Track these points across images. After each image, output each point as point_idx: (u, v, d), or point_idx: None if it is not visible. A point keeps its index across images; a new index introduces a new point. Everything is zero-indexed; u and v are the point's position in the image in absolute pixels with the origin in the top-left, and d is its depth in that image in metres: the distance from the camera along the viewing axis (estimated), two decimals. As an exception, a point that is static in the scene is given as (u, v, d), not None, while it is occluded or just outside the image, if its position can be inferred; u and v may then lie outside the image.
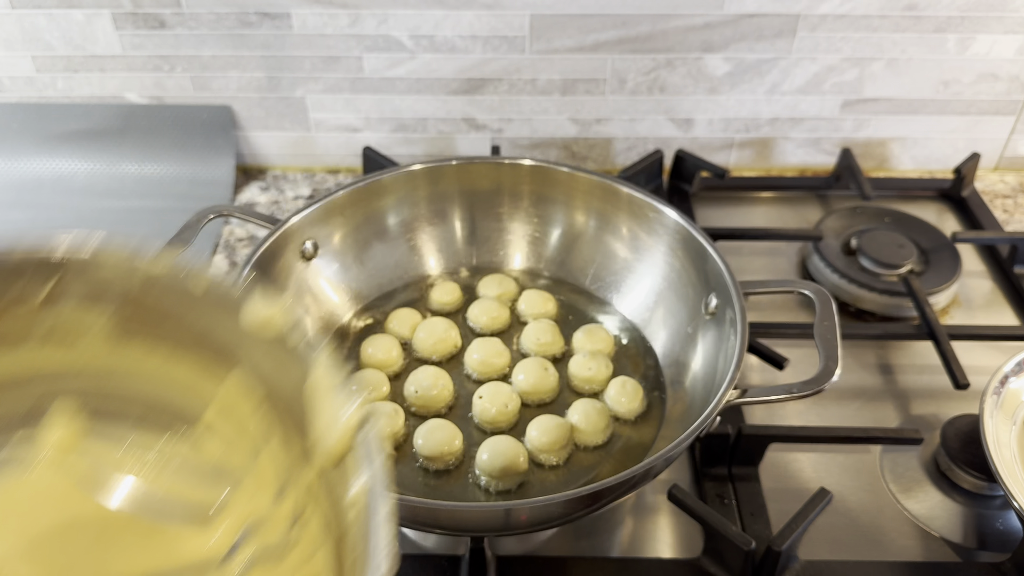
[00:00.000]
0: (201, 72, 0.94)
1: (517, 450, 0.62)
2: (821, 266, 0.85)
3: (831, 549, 0.62)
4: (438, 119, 0.98)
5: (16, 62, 0.93)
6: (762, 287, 0.65)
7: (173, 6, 0.88)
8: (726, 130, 0.99)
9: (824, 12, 0.89)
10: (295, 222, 0.70)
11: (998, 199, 0.99)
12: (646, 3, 0.88)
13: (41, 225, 0.93)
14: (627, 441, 0.66)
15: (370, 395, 0.67)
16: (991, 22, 0.90)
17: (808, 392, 0.56)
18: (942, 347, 0.74)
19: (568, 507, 0.52)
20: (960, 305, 0.84)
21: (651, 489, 0.66)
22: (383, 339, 0.71)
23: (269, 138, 1.00)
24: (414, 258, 0.79)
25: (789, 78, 0.94)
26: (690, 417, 0.63)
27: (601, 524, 0.64)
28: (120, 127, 0.97)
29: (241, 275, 0.64)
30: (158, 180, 0.97)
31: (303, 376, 0.36)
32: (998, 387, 0.64)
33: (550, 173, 0.76)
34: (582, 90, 0.95)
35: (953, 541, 0.63)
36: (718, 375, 0.62)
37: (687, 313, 0.70)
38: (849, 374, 0.76)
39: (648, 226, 0.73)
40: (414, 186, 0.76)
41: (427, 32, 0.90)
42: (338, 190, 0.72)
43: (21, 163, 0.97)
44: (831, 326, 0.60)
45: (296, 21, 0.90)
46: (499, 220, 0.80)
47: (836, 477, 0.68)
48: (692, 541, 0.63)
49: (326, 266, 0.74)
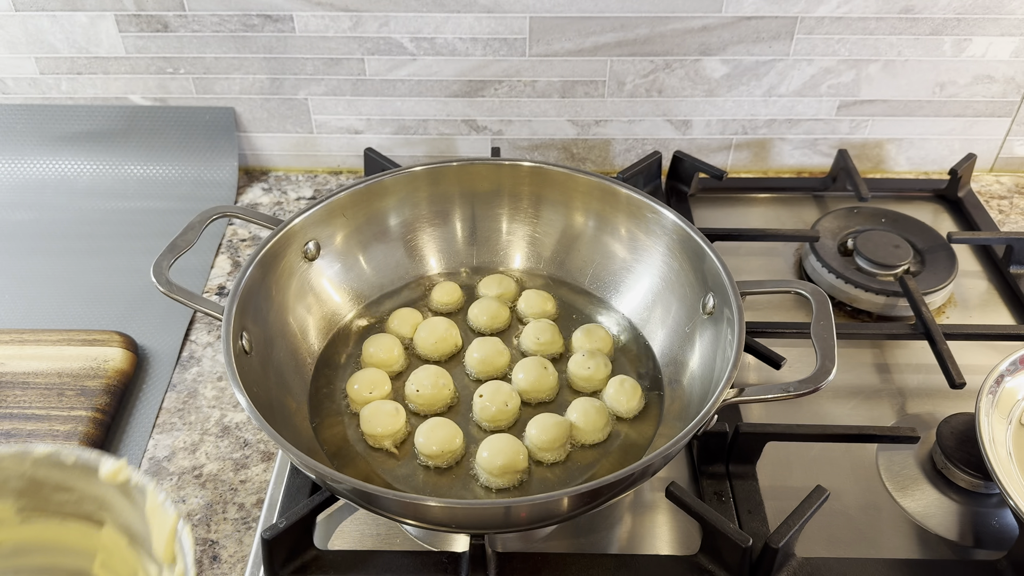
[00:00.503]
0: (204, 74, 0.95)
1: (517, 448, 0.63)
2: (818, 266, 0.85)
3: (828, 547, 0.63)
4: (439, 121, 0.98)
5: (20, 64, 0.94)
6: (759, 287, 0.66)
7: (176, 8, 0.89)
8: (724, 132, 1.00)
9: (821, 14, 0.90)
10: (298, 223, 0.70)
11: (994, 200, 0.99)
12: (644, 6, 0.89)
13: (45, 226, 0.93)
14: (625, 439, 0.66)
15: (371, 394, 0.68)
16: (987, 24, 0.91)
17: (805, 391, 0.57)
18: (938, 346, 0.74)
19: (567, 504, 0.53)
20: (956, 305, 0.85)
21: (649, 487, 0.67)
22: (384, 338, 0.72)
23: (271, 140, 1.01)
24: (415, 258, 0.80)
25: (786, 80, 0.95)
26: (688, 415, 0.64)
27: (600, 521, 0.65)
28: (124, 129, 0.97)
29: (244, 275, 0.65)
30: (161, 181, 0.98)
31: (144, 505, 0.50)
32: (993, 386, 0.65)
33: (549, 174, 0.77)
34: (581, 92, 0.96)
35: (949, 539, 0.64)
36: (716, 374, 0.62)
37: (685, 313, 0.71)
38: (846, 373, 0.77)
39: (646, 227, 0.74)
40: (415, 187, 0.77)
41: (428, 35, 0.91)
42: (340, 191, 0.73)
43: (25, 164, 0.98)
44: (828, 326, 0.61)
45: (298, 23, 0.90)
46: (499, 221, 0.80)
47: (833, 475, 0.68)
48: (690, 538, 0.63)
49: (328, 266, 0.74)
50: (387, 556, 0.60)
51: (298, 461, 0.52)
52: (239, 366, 0.58)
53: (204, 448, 0.71)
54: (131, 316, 0.83)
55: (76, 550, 0.55)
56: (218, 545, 0.64)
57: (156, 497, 0.49)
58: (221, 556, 0.63)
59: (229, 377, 0.56)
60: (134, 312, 0.83)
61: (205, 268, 0.88)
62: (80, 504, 0.53)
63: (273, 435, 0.53)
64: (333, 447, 0.65)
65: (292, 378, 0.68)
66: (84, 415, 0.70)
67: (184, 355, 0.79)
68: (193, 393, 0.76)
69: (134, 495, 0.51)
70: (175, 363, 0.78)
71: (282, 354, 0.68)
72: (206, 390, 0.76)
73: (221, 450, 0.71)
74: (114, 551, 0.54)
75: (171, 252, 0.66)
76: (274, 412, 0.61)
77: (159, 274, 0.64)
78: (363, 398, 0.68)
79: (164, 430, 0.72)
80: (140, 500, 0.50)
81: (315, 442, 0.65)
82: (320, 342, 0.73)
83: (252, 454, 0.70)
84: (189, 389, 0.76)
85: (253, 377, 0.61)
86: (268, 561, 0.58)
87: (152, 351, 0.79)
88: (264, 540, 0.57)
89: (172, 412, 0.74)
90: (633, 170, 0.92)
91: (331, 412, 0.68)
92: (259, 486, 0.68)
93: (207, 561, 0.63)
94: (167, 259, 0.65)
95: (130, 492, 0.51)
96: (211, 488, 0.68)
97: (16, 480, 0.52)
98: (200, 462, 0.70)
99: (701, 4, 0.89)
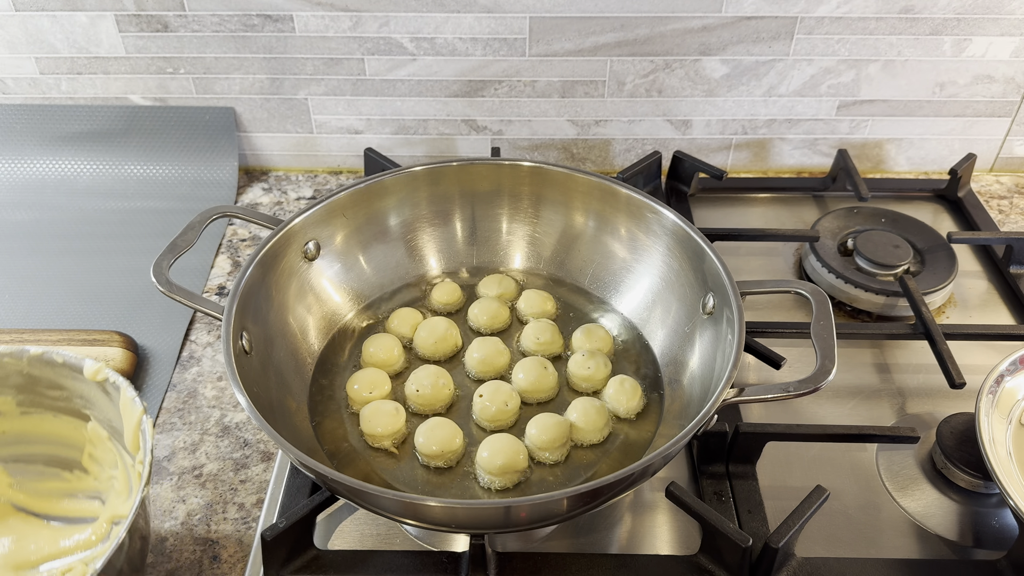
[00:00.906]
0: (204, 74, 0.95)
1: (517, 448, 0.63)
2: (818, 266, 0.85)
3: (828, 546, 0.63)
4: (439, 121, 0.98)
5: (20, 64, 0.94)
6: (759, 287, 0.66)
7: (176, 8, 0.89)
8: (724, 132, 1.00)
9: (821, 14, 0.90)
10: (297, 223, 0.70)
11: (994, 200, 0.99)
12: (644, 6, 0.89)
13: (45, 226, 0.93)
14: (625, 439, 0.66)
15: (371, 394, 0.68)
16: (987, 24, 0.91)
17: (804, 391, 0.57)
18: (938, 346, 0.74)
19: (567, 504, 0.53)
20: (956, 305, 0.85)
21: (649, 487, 0.67)
22: (384, 338, 0.72)
23: (272, 140, 1.01)
24: (415, 258, 0.80)
25: (786, 80, 0.95)
26: (688, 415, 0.64)
27: (600, 521, 0.65)
28: (124, 129, 0.97)
29: (244, 275, 0.65)
30: (161, 181, 0.98)
31: (119, 401, 0.58)
32: (993, 386, 0.65)
33: (549, 174, 0.77)
34: (581, 92, 0.96)
35: (949, 539, 0.64)
36: (715, 374, 0.62)
37: (685, 313, 0.71)
38: (846, 373, 0.77)
39: (646, 227, 0.74)
40: (415, 187, 0.77)
41: (428, 35, 0.91)
42: (340, 191, 0.73)
43: (25, 164, 0.98)
44: (827, 326, 0.61)
45: (298, 23, 0.90)
46: (499, 221, 0.80)
47: (833, 475, 0.68)
48: (690, 538, 0.63)
49: (328, 266, 0.74)
50: (387, 556, 0.60)
51: (297, 461, 0.52)
52: (239, 366, 0.58)
53: (204, 448, 0.71)
54: (131, 316, 0.83)
55: (68, 442, 0.63)
56: (218, 545, 0.63)
57: (127, 393, 0.57)
58: (221, 556, 0.63)
59: (229, 377, 0.56)
60: (134, 312, 0.83)
61: (205, 268, 0.89)
62: (70, 400, 0.62)
63: (273, 435, 0.53)
64: (333, 447, 0.65)
65: (292, 378, 0.68)
66: (84, 415, 0.70)
67: (184, 355, 0.79)
68: (193, 393, 0.76)
69: (111, 392, 0.59)
70: (175, 363, 0.78)
71: (282, 354, 0.68)
72: (206, 390, 0.76)
73: (221, 450, 0.71)
74: (98, 444, 0.62)
75: (171, 252, 0.66)
76: (274, 412, 0.61)
77: (159, 274, 0.64)
78: (363, 398, 0.68)
79: (164, 430, 0.72)
80: (116, 396, 0.58)
81: (315, 442, 0.65)
82: (320, 342, 0.73)
83: (252, 454, 0.70)
84: (189, 389, 0.76)
85: (253, 377, 0.61)
86: (268, 561, 0.58)
87: (152, 351, 0.79)
88: (264, 540, 0.57)
89: (172, 412, 0.74)
90: (633, 170, 0.92)
91: (331, 412, 0.68)
92: (259, 486, 0.68)
93: (207, 561, 0.63)
94: (167, 259, 0.65)
95: (108, 389, 0.59)
96: (211, 488, 0.68)
97: (16, 376, 0.61)
98: (200, 462, 0.70)
99: (701, 4, 0.89)
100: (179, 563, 0.62)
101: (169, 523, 0.65)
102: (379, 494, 0.51)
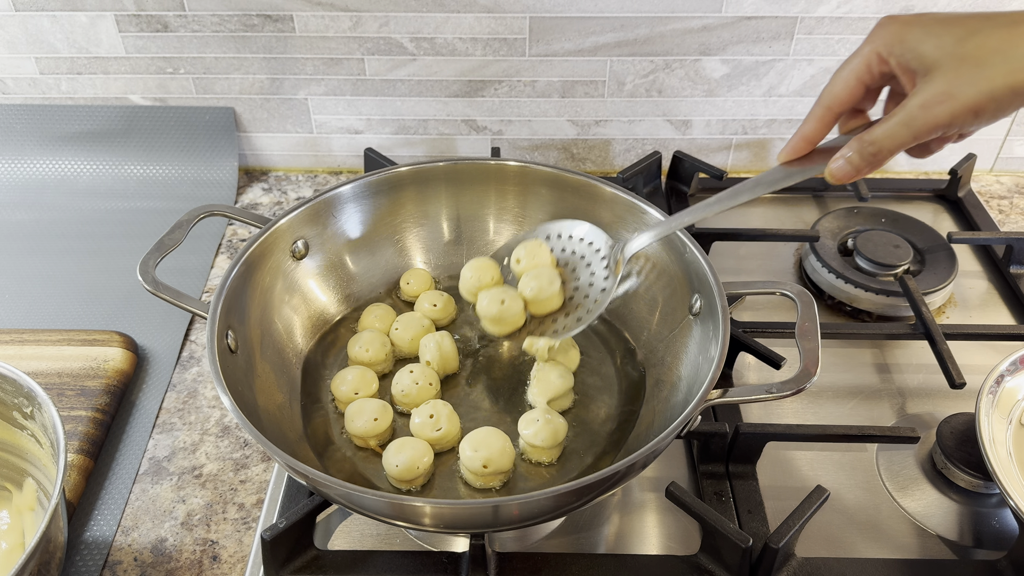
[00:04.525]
0: (204, 74, 0.95)
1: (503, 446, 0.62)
2: (818, 266, 0.85)
3: (828, 546, 0.63)
4: (439, 121, 0.98)
5: (20, 64, 0.94)
6: (745, 288, 0.65)
7: (176, 8, 0.89)
8: (724, 132, 1.00)
9: (821, 15, 0.90)
10: (284, 223, 0.70)
11: (994, 200, 0.99)
12: (644, 6, 0.89)
13: (45, 226, 0.93)
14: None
15: (356, 393, 0.67)
16: (987, 25, 0.90)
17: (787, 392, 0.56)
18: (938, 346, 0.74)
19: (556, 502, 0.52)
20: (956, 305, 0.85)
21: (649, 487, 0.67)
22: (371, 337, 0.71)
23: (272, 140, 1.01)
24: (402, 257, 0.79)
25: (786, 80, 0.95)
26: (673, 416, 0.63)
27: (600, 521, 0.65)
28: (124, 129, 0.97)
29: (230, 275, 0.64)
30: (161, 181, 0.98)
31: None
32: (994, 386, 0.65)
33: (535, 174, 0.76)
34: (581, 92, 0.96)
35: (949, 539, 0.64)
36: (701, 375, 0.62)
37: (672, 313, 0.70)
38: (846, 373, 0.77)
39: (633, 226, 0.73)
40: (401, 187, 0.76)
41: (428, 35, 0.91)
42: (327, 191, 0.73)
43: (25, 164, 0.98)
44: (812, 327, 0.60)
45: (298, 23, 0.90)
46: (485, 221, 0.79)
47: (833, 475, 0.68)
48: (690, 538, 0.63)
49: (315, 266, 0.74)
50: (387, 556, 0.60)
51: (284, 464, 0.52)
52: (224, 365, 0.57)
53: (204, 448, 0.71)
54: (131, 316, 0.83)
55: None
56: (218, 545, 0.64)
57: None
58: (221, 556, 0.63)
59: (212, 376, 0.56)
60: (134, 312, 0.83)
61: (205, 268, 0.88)
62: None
63: (255, 434, 0.52)
64: (320, 446, 0.65)
65: (279, 377, 0.68)
66: (84, 415, 0.70)
67: (184, 355, 0.79)
68: (193, 393, 0.76)
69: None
70: (175, 363, 0.78)
71: (269, 353, 0.68)
72: (206, 390, 0.76)
73: (221, 450, 0.71)
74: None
75: (158, 250, 0.65)
76: (259, 411, 0.61)
77: (145, 272, 0.63)
78: (349, 397, 0.67)
79: (164, 430, 0.72)
80: None
81: (303, 441, 0.65)
82: (307, 341, 0.72)
83: (252, 454, 0.70)
84: (189, 389, 0.76)
85: (238, 376, 0.60)
86: (268, 561, 0.58)
87: (152, 351, 0.79)
88: (264, 540, 0.57)
89: (172, 412, 0.74)
90: (633, 170, 0.92)
91: (318, 411, 0.68)
92: (259, 486, 0.68)
93: (207, 561, 0.63)
94: (154, 257, 0.65)
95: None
96: (211, 488, 0.68)
97: None
98: (200, 462, 0.70)
99: (701, 4, 0.89)
100: (179, 563, 0.62)
101: (169, 523, 0.65)
102: (362, 494, 0.51)
